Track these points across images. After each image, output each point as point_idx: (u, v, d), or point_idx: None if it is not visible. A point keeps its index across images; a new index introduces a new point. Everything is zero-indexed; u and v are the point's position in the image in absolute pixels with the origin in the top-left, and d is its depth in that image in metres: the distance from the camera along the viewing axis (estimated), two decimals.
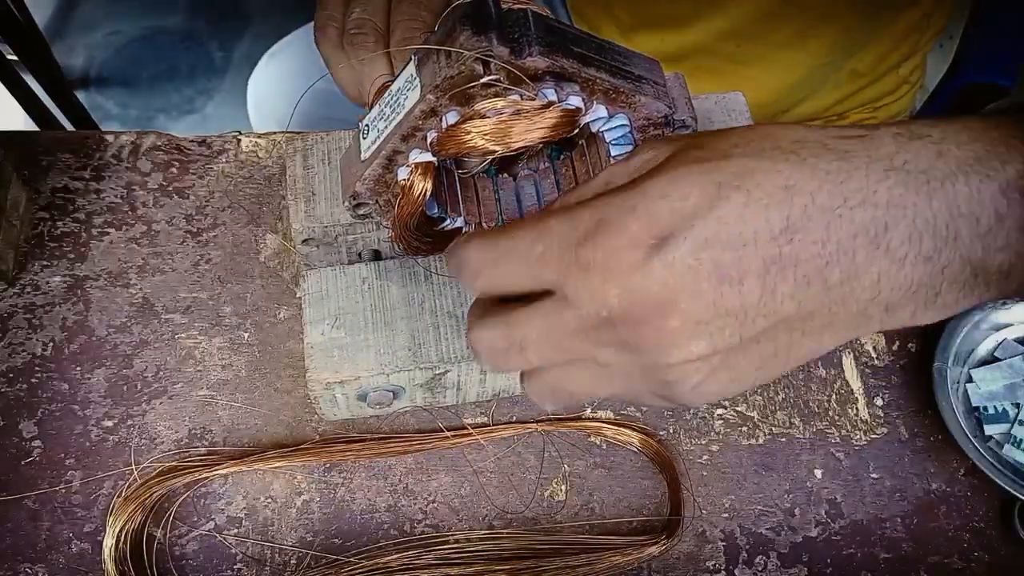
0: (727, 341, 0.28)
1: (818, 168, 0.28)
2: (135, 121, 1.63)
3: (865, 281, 0.28)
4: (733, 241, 0.27)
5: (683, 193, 0.28)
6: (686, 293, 0.27)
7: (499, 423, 0.49)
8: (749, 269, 0.27)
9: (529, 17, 0.35)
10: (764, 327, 0.28)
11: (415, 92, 0.36)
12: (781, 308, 0.28)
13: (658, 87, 0.39)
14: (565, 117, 0.36)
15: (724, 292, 0.27)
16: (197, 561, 0.45)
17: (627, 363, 0.30)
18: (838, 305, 0.29)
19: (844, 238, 0.27)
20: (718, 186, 0.28)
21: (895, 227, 0.27)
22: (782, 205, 0.27)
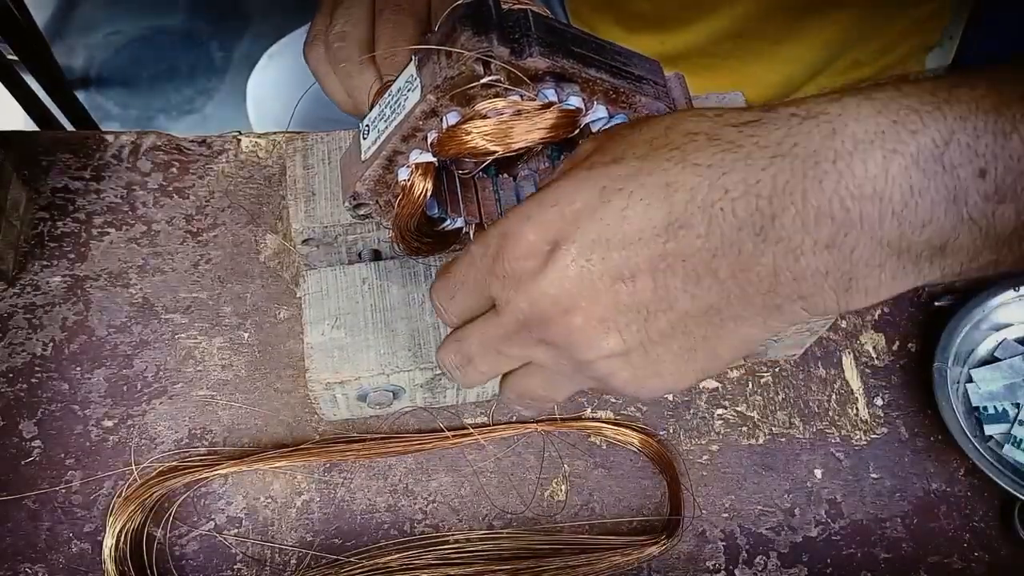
0: (636, 336, 0.30)
1: (699, 163, 0.28)
2: (135, 121, 1.63)
3: (760, 272, 0.28)
4: (618, 241, 0.28)
5: (570, 199, 0.29)
6: (583, 294, 0.29)
7: (499, 423, 0.49)
8: (638, 267, 0.28)
9: (529, 17, 0.35)
10: (669, 321, 0.29)
11: (415, 92, 0.36)
12: (677, 303, 0.29)
13: (658, 87, 0.39)
14: (565, 118, 0.36)
15: (618, 290, 0.29)
16: (197, 561, 0.45)
17: (556, 361, 0.32)
18: (737, 296, 0.29)
19: (727, 231, 0.27)
20: (602, 189, 0.29)
21: (782, 215, 0.27)
22: (663, 203, 0.28)
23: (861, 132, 0.26)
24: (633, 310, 0.29)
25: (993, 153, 0.26)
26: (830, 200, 0.26)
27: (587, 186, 0.29)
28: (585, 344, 0.30)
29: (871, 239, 0.27)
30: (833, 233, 0.27)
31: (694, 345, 0.30)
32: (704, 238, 0.28)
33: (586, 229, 0.29)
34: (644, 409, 0.51)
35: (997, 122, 0.26)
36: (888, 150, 0.26)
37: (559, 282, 0.29)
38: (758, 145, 0.27)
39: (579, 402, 0.51)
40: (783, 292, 0.28)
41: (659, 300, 0.29)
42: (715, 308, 0.29)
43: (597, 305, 0.29)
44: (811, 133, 0.27)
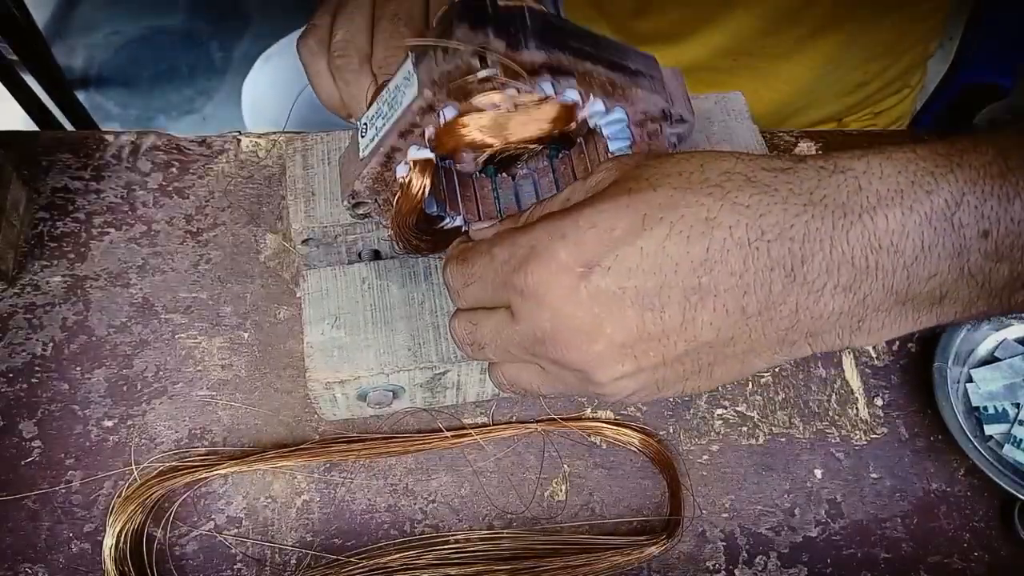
0: (651, 361, 0.31)
1: (738, 202, 0.29)
2: (135, 121, 1.63)
3: (783, 310, 0.29)
4: (655, 270, 0.29)
5: (610, 224, 0.30)
6: (611, 320, 0.30)
7: (499, 423, 0.49)
8: (671, 297, 0.29)
9: (525, 12, 0.35)
10: (685, 350, 0.30)
11: (412, 88, 0.36)
12: (701, 334, 0.30)
13: (655, 81, 0.39)
14: (562, 111, 0.36)
15: (647, 318, 0.30)
16: (197, 561, 0.45)
17: (563, 374, 0.33)
18: (758, 332, 0.30)
19: (761, 270, 0.29)
20: (643, 218, 0.29)
21: (811, 259, 0.29)
22: (702, 237, 0.29)
23: (884, 189, 0.29)
24: (655, 338, 0.30)
25: (997, 216, 0.28)
26: (852, 249, 0.28)
27: (628, 213, 0.29)
28: (600, 368, 0.31)
29: (882, 287, 0.29)
30: (851, 279, 0.29)
31: (699, 368, 0.32)
32: (738, 275, 0.29)
33: (624, 256, 0.29)
34: (644, 409, 0.51)
35: (1002, 187, 0.28)
36: (906, 207, 0.28)
37: (589, 307, 0.30)
38: (793, 192, 0.29)
39: (579, 402, 0.51)
40: (800, 329, 0.30)
41: (684, 330, 0.30)
42: (734, 340, 0.30)
43: (622, 332, 0.30)
44: (840, 186, 0.29)
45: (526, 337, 0.32)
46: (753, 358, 0.32)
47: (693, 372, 0.32)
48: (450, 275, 0.35)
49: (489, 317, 0.34)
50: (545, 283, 0.30)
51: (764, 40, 0.67)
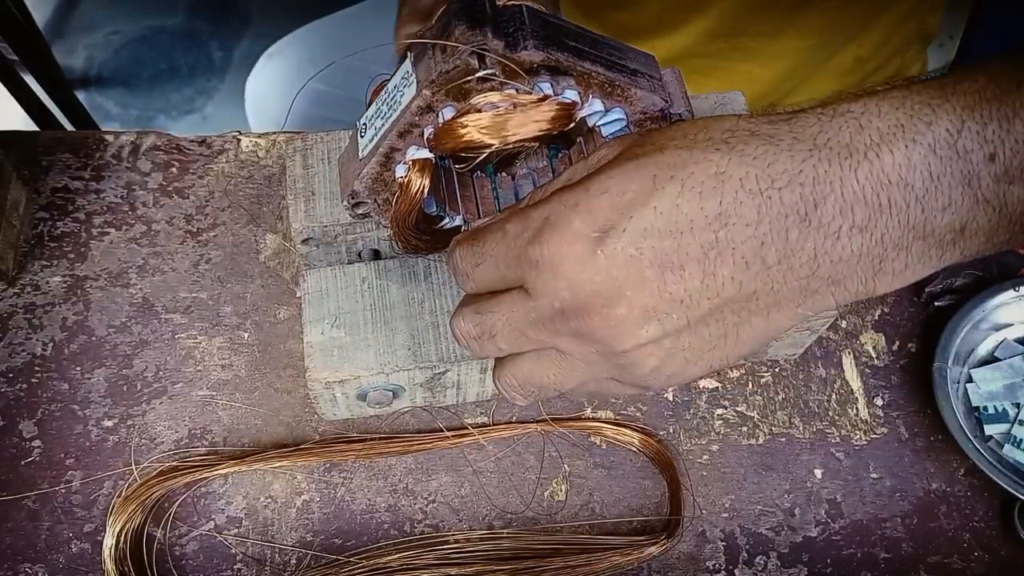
0: (675, 324, 0.30)
1: (745, 154, 0.29)
2: (135, 121, 1.63)
3: (802, 257, 0.29)
4: (671, 229, 0.29)
5: (621, 187, 0.29)
6: (630, 282, 0.29)
7: (499, 423, 0.49)
8: (689, 255, 0.29)
9: (524, 12, 0.35)
10: (709, 309, 0.30)
11: (411, 88, 0.36)
12: (723, 290, 0.30)
13: (654, 81, 0.39)
14: (561, 111, 0.36)
15: (667, 279, 0.29)
16: (197, 561, 0.45)
17: (585, 351, 0.32)
18: (779, 283, 0.30)
19: (776, 218, 0.29)
20: (653, 178, 0.29)
21: (823, 202, 0.29)
22: (714, 192, 0.29)
23: (884, 126, 0.29)
24: (678, 299, 0.30)
25: (1000, 138, 0.28)
26: (863, 187, 0.28)
27: (639, 175, 0.29)
28: (624, 334, 0.30)
29: (899, 223, 0.29)
30: (866, 218, 0.29)
31: (725, 332, 0.31)
32: (754, 226, 0.29)
33: (639, 217, 0.29)
34: (644, 409, 0.51)
35: (1000, 109, 0.28)
36: (908, 140, 0.28)
37: (607, 271, 0.29)
38: (796, 139, 0.29)
39: (579, 402, 0.51)
40: (821, 275, 0.30)
41: (706, 288, 0.29)
42: (757, 294, 0.30)
43: (643, 294, 0.29)
44: (841, 128, 0.29)
45: (543, 312, 0.31)
46: (776, 313, 0.31)
47: (719, 337, 0.31)
48: (459, 256, 0.34)
49: (500, 300, 0.33)
50: (561, 252, 0.30)
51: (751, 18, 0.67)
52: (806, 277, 0.30)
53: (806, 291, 0.30)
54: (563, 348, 0.32)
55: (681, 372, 0.32)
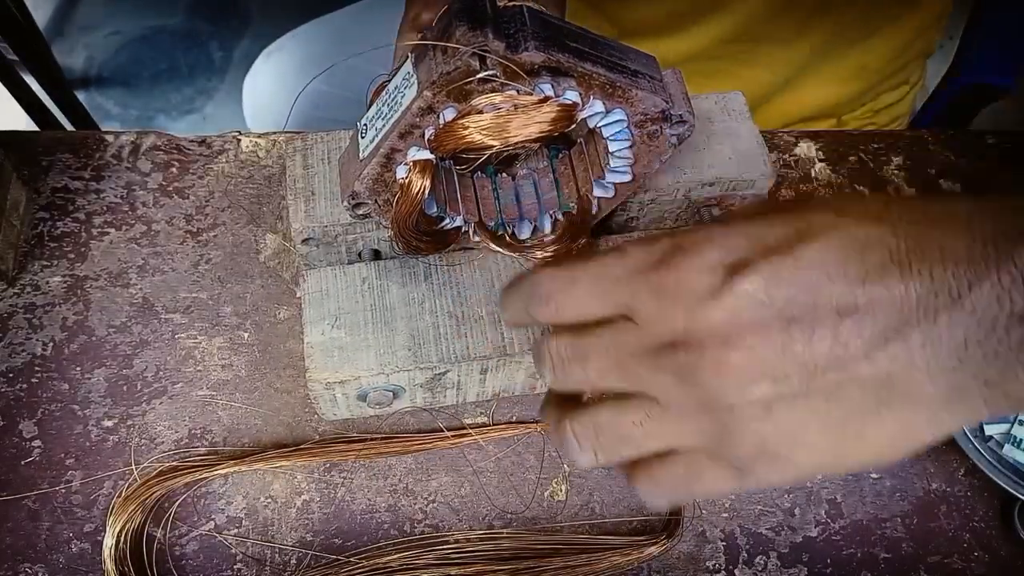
0: (792, 388, 0.27)
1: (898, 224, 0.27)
2: (135, 121, 1.63)
3: (951, 343, 0.26)
4: (808, 284, 0.26)
5: (764, 232, 0.27)
6: (753, 329, 0.27)
7: (499, 423, 0.49)
8: (821, 317, 0.26)
9: (524, 13, 0.35)
10: (836, 382, 0.27)
11: (412, 89, 0.36)
12: (854, 364, 0.26)
13: (655, 82, 0.39)
14: (562, 112, 0.36)
15: (794, 335, 0.26)
16: (197, 561, 0.45)
17: (683, 399, 0.28)
18: (920, 371, 0.26)
19: (924, 295, 0.26)
20: (799, 231, 0.27)
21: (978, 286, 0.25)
22: (861, 256, 0.26)
23: None
24: (800, 362, 0.26)
25: None
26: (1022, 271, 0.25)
27: (784, 224, 0.27)
28: (734, 384, 0.27)
29: None
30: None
31: (847, 417, 0.27)
32: (899, 300, 0.26)
33: (777, 264, 0.27)
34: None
35: None
36: None
37: (732, 310, 0.27)
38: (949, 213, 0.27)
39: None
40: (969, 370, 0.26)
41: (835, 356, 0.26)
42: (893, 379, 0.26)
43: (764, 345, 0.26)
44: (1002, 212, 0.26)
45: (651, 341, 0.28)
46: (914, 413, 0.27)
47: (839, 422, 0.27)
48: (547, 278, 0.30)
49: (601, 327, 0.30)
50: (687, 280, 0.27)
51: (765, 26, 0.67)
52: (952, 369, 0.26)
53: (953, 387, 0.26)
54: (659, 392, 0.29)
55: (788, 455, 0.28)
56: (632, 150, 0.41)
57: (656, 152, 0.41)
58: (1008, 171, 0.61)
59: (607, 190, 0.43)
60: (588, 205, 0.44)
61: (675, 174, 0.48)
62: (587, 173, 0.43)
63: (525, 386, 0.49)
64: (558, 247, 0.45)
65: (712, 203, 0.50)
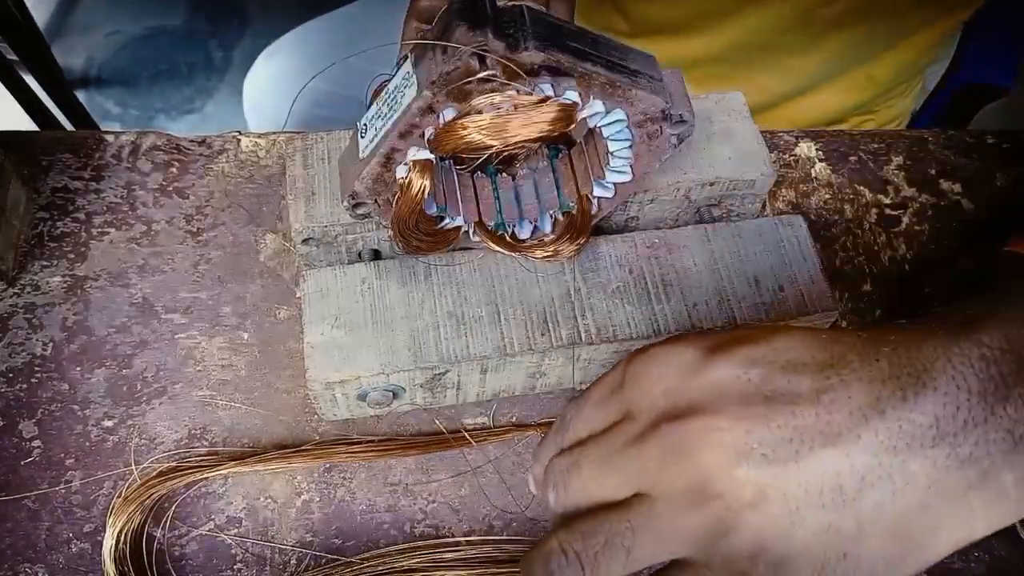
0: (783, 456, 0.26)
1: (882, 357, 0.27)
2: (135, 121, 1.63)
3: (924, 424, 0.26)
4: (783, 365, 0.27)
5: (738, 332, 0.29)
6: (736, 400, 0.27)
7: (499, 425, 0.49)
8: (802, 394, 0.26)
9: (524, 12, 0.35)
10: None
11: (412, 89, 0.36)
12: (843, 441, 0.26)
13: (655, 82, 0.39)
14: (562, 112, 0.36)
15: (776, 408, 0.26)
16: (197, 561, 0.45)
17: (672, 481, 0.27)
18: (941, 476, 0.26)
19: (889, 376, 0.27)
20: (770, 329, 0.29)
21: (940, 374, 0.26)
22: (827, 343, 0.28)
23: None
24: (786, 436, 0.26)
25: None
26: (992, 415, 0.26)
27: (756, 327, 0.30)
28: (722, 457, 0.26)
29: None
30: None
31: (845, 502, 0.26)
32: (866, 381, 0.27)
33: (752, 347, 0.28)
34: None
35: None
36: None
37: (714, 384, 0.27)
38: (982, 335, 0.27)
39: None
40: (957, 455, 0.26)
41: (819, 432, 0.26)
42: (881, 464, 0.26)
43: (747, 416, 0.26)
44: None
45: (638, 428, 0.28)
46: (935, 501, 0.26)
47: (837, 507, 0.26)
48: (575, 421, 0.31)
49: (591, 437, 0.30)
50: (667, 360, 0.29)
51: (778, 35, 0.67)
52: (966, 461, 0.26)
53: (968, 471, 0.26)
54: (648, 480, 0.28)
55: (785, 548, 0.26)
56: (632, 150, 0.41)
57: (656, 152, 0.41)
58: (1008, 171, 0.61)
59: (607, 190, 0.43)
60: (588, 205, 0.44)
61: (675, 174, 0.48)
62: (587, 173, 0.44)
63: (525, 386, 0.49)
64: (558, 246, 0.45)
65: (712, 203, 0.50)
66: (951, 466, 0.26)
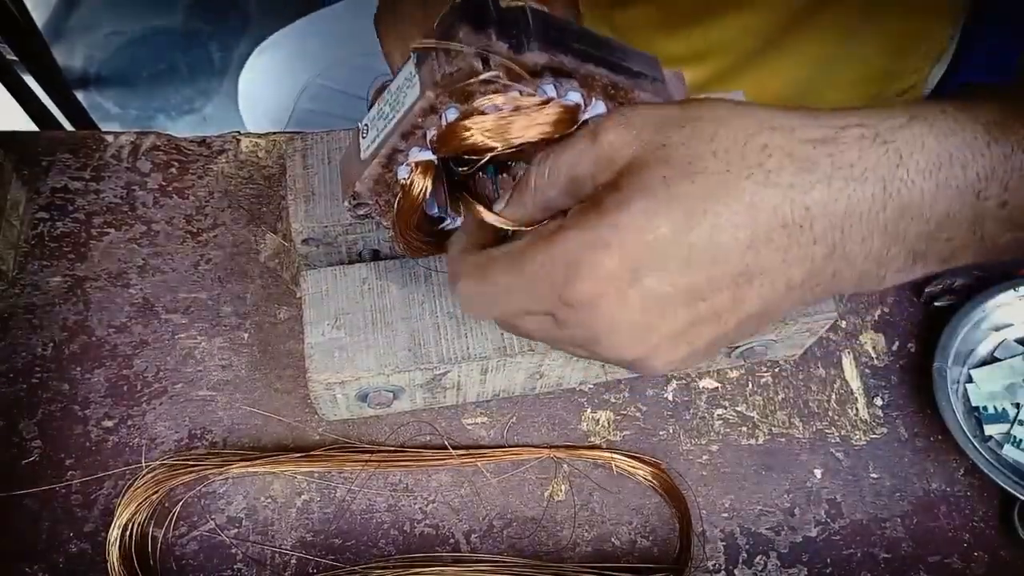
0: (704, 340, 0.32)
1: (780, 183, 0.29)
2: (135, 121, 1.63)
3: (823, 278, 0.31)
4: (704, 263, 0.29)
5: (653, 224, 0.29)
6: (664, 317, 0.30)
7: (511, 445, 0.49)
8: (721, 285, 0.30)
9: (528, 14, 0.35)
10: (736, 323, 0.32)
11: (414, 90, 0.36)
12: (749, 307, 0.31)
13: (657, 83, 0.39)
14: (565, 113, 0.36)
15: (700, 308, 0.30)
16: (197, 561, 0.45)
17: (594, 354, 0.33)
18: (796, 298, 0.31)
19: (805, 244, 0.29)
20: (686, 214, 0.29)
21: (850, 233, 0.29)
22: (748, 222, 0.29)
23: (923, 162, 0.29)
24: (707, 321, 0.31)
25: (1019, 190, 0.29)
26: (888, 221, 0.29)
27: (671, 210, 0.29)
28: (656, 360, 0.32)
29: (905, 251, 0.30)
30: (881, 246, 0.30)
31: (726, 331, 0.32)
32: (783, 252, 0.29)
33: (673, 256, 0.29)
34: (644, 409, 0.51)
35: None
36: (941, 181, 0.29)
37: (640, 310, 0.30)
38: (834, 166, 0.29)
39: (582, 432, 0.51)
40: (829, 289, 0.31)
41: (734, 310, 0.31)
42: (778, 307, 0.32)
43: (675, 324, 0.31)
44: (880, 160, 0.29)
45: (575, 339, 0.33)
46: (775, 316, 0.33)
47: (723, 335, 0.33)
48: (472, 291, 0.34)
49: (532, 320, 0.34)
50: (597, 294, 0.30)
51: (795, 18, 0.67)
52: (821, 292, 0.31)
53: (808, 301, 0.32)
54: (574, 350, 0.34)
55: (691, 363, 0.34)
56: None
57: None
58: None
59: None
60: None
61: None
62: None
63: (525, 386, 0.49)
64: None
65: None
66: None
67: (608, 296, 0.30)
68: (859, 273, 0.31)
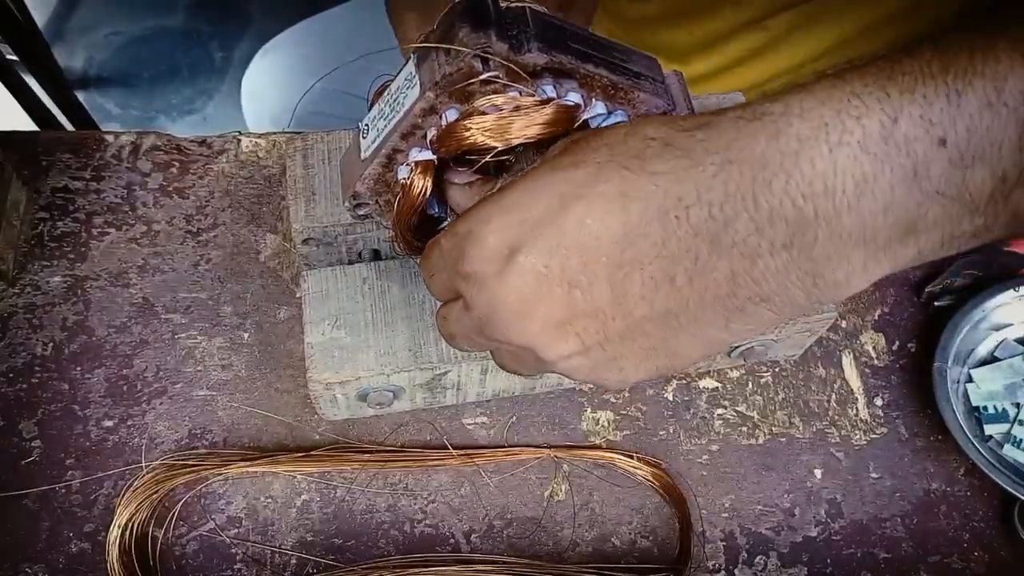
0: (594, 338, 0.30)
1: (655, 171, 0.28)
2: (135, 121, 1.63)
3: (717, 276, 0.28)
4: (576, 248, 0.29)
5: (531, 204, 0.30)
6: (539, 298, 0.30)
7: (512, 444, 0.49)
8: (596, 274, 0.29)
9: (528, 14, 0.35)
10: (626, 325, 0.30)
11: (414, 90, 0.36)
12: (635, 308, 0.29)
13: (657, 84, 0.39)
14: (564, 113, 0.36)
15: (575, 296, 0.29)
16: (197, 561, 0.45)
17: (521, 356, 0.33)
18: (694, 302, 0.29)
19: (683, 238, 0.28)
20: (562, 196, 0.29)
21: (735, 221, 0.27)
22: (620, 212, 0.28)
23: (805, 129, 0.26)
24: (590, 315, 0.30)
25: (950, 117, 0.24)
26: (781, 202, 0.26)
27: (547, 192, 0.29)
28: (544, 346, 0.31)
29: (830, 234, 0.26)
30: (789, 233, 0.26)
31: (654, 345, 0.31)
32: (660, 246, 0.28)
33: (545, 236, 0.29)
34: (644, 409, 0.51)
35: (948, 85, 0.24)
36: (833, 143, 0.25)
37: (516, 288, 0.30)
38: (707, 151, 0.27)
39: (582, 432, 0.51)
40: (743, 295, 0.28)
41: (616, 306, 0.29)
42: (672, 313, 0.29)
43: (553, 310, 0.30)
44: (756, 136, 0.26)
45: (476, 322, 0.32)
46: (705, 329, 0.30)
47: (649, 348, 0.31)
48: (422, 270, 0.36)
49: (451, 308, 0.35)
50: (480, 268, 0.30)
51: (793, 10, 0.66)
52: (725, 296, 0.28)
53: (732, 309, 0.29)
54: (506, 351, 0.34)
55: (621, 378, 0.32)
56: None
57: None
58: None
59: None
60: None
61: None
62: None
63: (525, 386, 0.49)
64: None
65: None
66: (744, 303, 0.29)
67: (488, 273, 0.30)
68: (777, 271, 0.27)
